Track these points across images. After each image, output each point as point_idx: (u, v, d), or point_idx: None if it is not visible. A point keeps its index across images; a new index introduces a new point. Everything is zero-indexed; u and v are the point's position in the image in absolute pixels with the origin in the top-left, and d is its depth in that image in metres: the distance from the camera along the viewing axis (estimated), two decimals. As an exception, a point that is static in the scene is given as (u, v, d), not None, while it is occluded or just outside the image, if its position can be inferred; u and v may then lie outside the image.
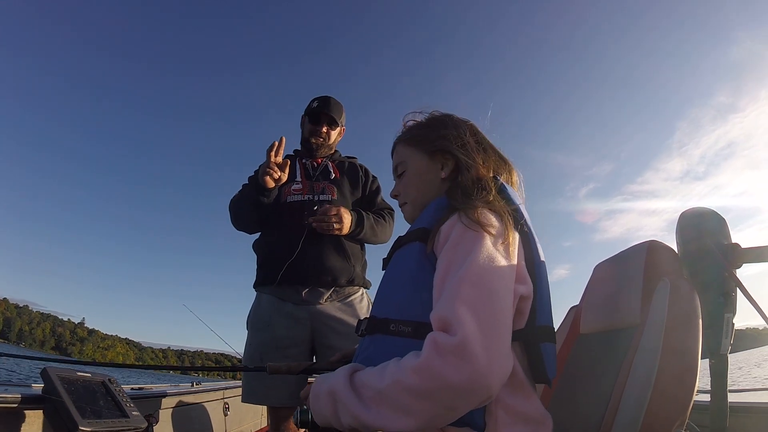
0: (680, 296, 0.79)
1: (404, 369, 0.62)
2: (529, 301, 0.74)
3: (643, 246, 0.91)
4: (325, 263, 1.66)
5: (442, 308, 0.64)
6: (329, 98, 1.83)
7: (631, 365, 0.80)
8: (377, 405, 0.63)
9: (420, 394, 0.60)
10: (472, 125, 0.93)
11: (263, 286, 1.74)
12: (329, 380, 0.71)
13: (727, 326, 0.81)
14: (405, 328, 0.72)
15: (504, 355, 0.62)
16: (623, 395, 0.78)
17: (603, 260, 1.09)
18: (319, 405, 0.71)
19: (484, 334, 0.60)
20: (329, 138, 1.82)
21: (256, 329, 1.70)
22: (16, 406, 1.29)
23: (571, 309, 1.15)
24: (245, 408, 2.93)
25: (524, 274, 0.74)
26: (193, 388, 2.44)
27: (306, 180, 1.76)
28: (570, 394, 0.99)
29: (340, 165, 1.84)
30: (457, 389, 0.59)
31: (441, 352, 0.60)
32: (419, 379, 0.60)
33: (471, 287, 0.64)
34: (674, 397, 0.73)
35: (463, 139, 0.88)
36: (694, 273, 0.85)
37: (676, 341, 0.75)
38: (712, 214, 0.87)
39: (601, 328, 1.00)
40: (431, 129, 0.92)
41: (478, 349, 0.59)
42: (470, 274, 0.65)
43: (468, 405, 0.62)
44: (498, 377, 0.60)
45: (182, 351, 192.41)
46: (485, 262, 0.67)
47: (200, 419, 2.37)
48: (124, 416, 1.54)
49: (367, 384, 0.66)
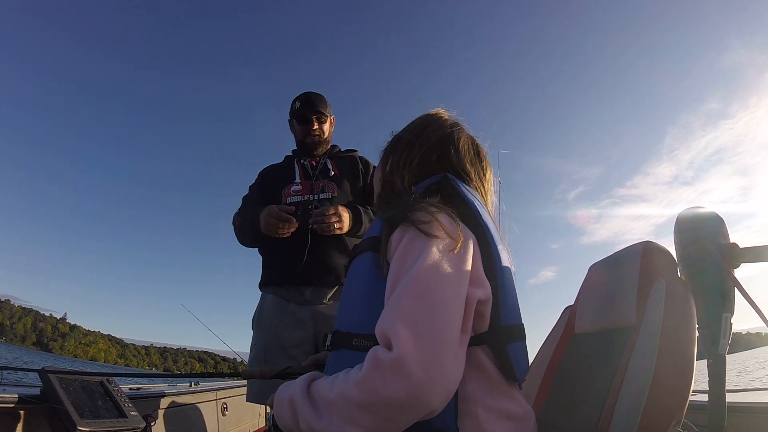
0: (676, 297, 0.79)
1: (349, 382, 0.63)
2: (488, 303, 0.73)
3: (638, 247, 0.91)
4: (328, 263, 1.66)
5: (383, 322, 0.64)
6: (309, 94, 1.82)
7: (627, 365, 0.80)
8: (329, 414, 0.64)
9: (362, 406, 0.61)
10: (423, 121, 0.95)
11: (267, 286, 1.75)
12: (290, 388, 0.72)
13: (725, 326, 0.81)
14: (367, 343, 0.71)
15: (445, 369, 0.61)
16: (619, 395, 0.78)
17: (598, 261, 1.08)
18: (281, 411, 0.72)
19: (422, 350, 0.59)
20: (323, 133, 1.82)
21: (260, 330, 1.71)
22: (14, 406, 1.29)
23: (565, 309, 1.15)
24: (243, 408, 2.93)
25: (481, 277, 0.72)
26: (191, 388, 2.44)
27: (305, 180, 1.76)
28: (565, 395, 0.99)
29: (338, 161, 1.83)
30: (395, 404, 0.59)
31: (379, 368, 0.60)
32: (359, 392, 0.61)
33: (412, 300, 0.63)
34: (670, 397, 0.73)
35: (395, 142, 0.94)
36: (692, 273, 0.85)
37: (671, 341, 0.75)
38: (710, 213, 0.87)
39: (596, 328, 1.00)
40: (401, 130, 0.97)
41: (415, 366, 0.58)
42: (412, 285, 0.64)
43: (409, 419, 0.61)
44: (438, 393, 0.60)
45: (165, 348, 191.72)
46: (431, 270, 0.65)
47: (198, 419, 2.37)
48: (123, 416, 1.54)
49: (321, 394, 0.67)
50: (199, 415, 2.38)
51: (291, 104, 1.85)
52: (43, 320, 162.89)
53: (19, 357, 35.91)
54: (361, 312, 0.75)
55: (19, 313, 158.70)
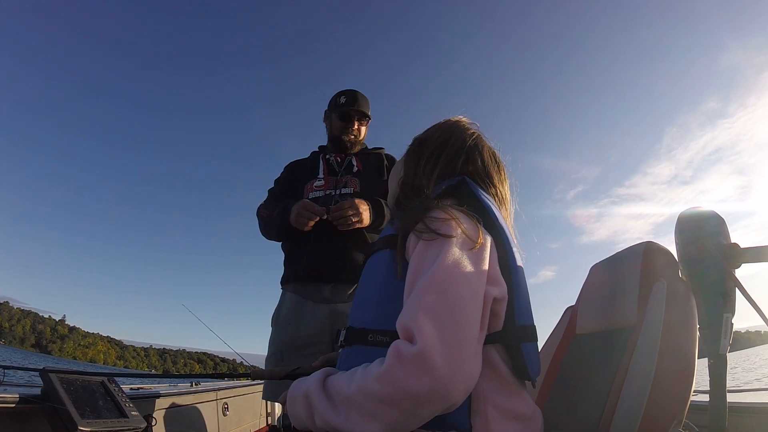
0: (677, 297, 0.79)
1: (369, 376, 0.64)
2: (503, 302, 0.74)
3: (639, 247, 0.91)
4: (347, 259, 1.62)
5: (405, 316, 0.65)
6: (356, 93, 1.77)
7: (629, 365, 0.80)
8: (346, 409, 0.65)
9: (383, 400, 0.62)
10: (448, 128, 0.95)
11: (288, 283, 1.73)
12: (305, 384, 0.73)
13: (726, 326, 0.81)
14: (383, 338, 0.73)
15: (467, 363, 0.62)
16: (621, 395, 0.78)
17: (599, 261, 1.09)
18: (295, 408, 0.73)
19: (445, 343, 0.61)
20: (360, 134, 1.79)
21: (278, 327, 1.70)
22: (15, 406, 1.29)
23: (567, 309, 1.15)
24: (244, 408, 2.94)
25: (497, 276, 0.74)
26: (192, 388, 2.44)
27: (329, 176, 1.73)
28: (566, 394, 0.99)
29: (364, 157, 1.80)
30: (417, 397, 0.60)
31: (402, 361, 0.61)
32: (381, 386, 0.62)
33: (434, 295, 0.64)
34: (671, 397, 0.73)
35: (418, 146, 0.94)
36: (693, 273, 0.85)
37: (673, 342, 0.76)
38: (711, 214, 0.87)
39: (597, 328, 1.00)
40: (423, 134, 0.97)
41: (438, 359, 0.60)
42: (434, 281, 0.66)
43: (431, 412, 0.63)
44: (460, 386, 0.61)
45: (164, 350, 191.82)
46: (451, 268, 0.67)
47: (199, 419, 2.37)
48: (123, 416, 1.54)
49: (338, 389, 0.68)
50: (200, 415, 2.38)
51: (334, 98, 1.79)
52: (42, 322, 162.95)
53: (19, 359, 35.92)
54: (377, 309, 0.77)
55: (17, 315, 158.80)
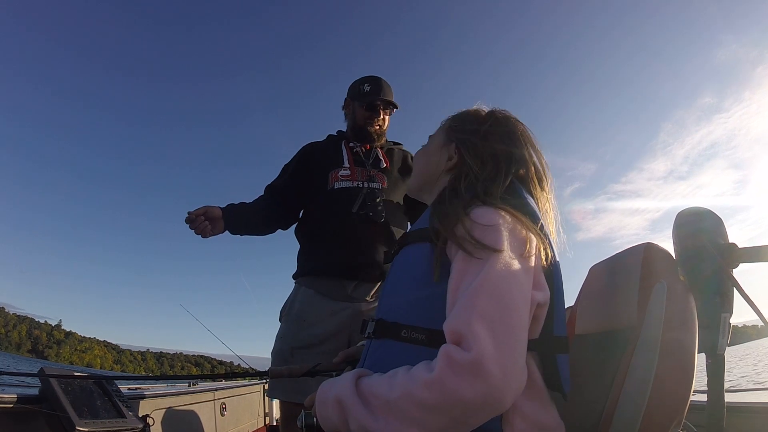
0: (677, 298, 0.79)
1: (416, 381, 0.60)
2: (545, 308, 0.72)
3: (639, 248, 0.91)
4: (375, 256, 1.53)
5: (457, 320, 0.61)
6: (380, 80, 1.66)
7: (629, 366, 0.79)
8: (386, 415, 0.61)
9: (431, 408, 0.58)
10: (512, 131, 0.87)
11: (303, 277, 1.63)
12: (336, 387, 0.69)
13: (723, 326, 0.81)
14: (418, 336, 0.69)
15: (519, 371, 0.60)
16: (620, 396, 0.78)
17: (598, 262, 1.08)
18: (326, 412, 0.68)
19: (500, 351, 0.58)
20: (385, 123, 1.70)
21: (288, 323, 1.59)
22: (13, 407, 1.29)
23: (566, 309, 1.15)
24: (242, 408, 2.93)
25: (542, 281, 0.71)
26: (190, 388, 2.44)
27: (355, 166, 1.64)
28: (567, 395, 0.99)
29: (389, 153, 1.74)
30: (470, 405, 0.57)
31: (455, 368, 0.57)
32: (431, 393, 0.58)
33: (487, 299, 0.61)
34: (671, 398, 0.73)
35: (478, 142, 0.84)
36: (691, 272, 0.85)
37: (673, 342, 0.75)
38: (708, 213, 0.87)
39: (597, 329, 1.00)
40: (465, 121, 0.90)
41: (494, 367, 0.57)
42: (486, 283, 0.62)
43: (481, 420, 0.60)
44: (512, 393, 0.59)
45: (161, 353, 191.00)
46: (502, 271, 0.63)
47: (197, 420, 2.37)
48: (121, 417, 1.54)
49: (376, 393, 0.64)
50: (198, 416, 2.38)
51: (356, 85, 1.69)
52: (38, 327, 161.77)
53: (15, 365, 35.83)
54: (413, 303, 0.73)
55: (13, 320, 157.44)
